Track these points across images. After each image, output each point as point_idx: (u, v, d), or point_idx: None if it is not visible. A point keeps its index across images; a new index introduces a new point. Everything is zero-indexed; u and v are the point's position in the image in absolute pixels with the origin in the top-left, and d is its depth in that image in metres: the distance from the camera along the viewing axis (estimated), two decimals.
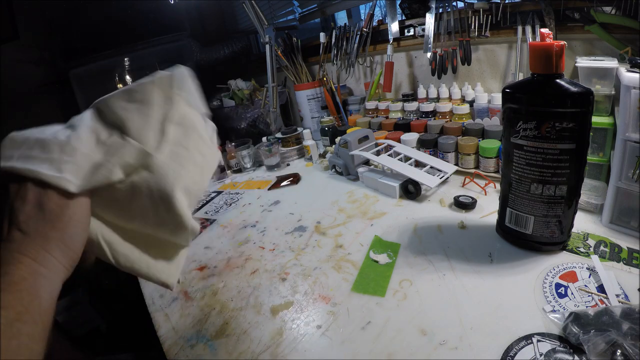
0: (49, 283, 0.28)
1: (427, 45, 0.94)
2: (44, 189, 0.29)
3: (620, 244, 0.51)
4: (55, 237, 0.29)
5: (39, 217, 0.28)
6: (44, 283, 0.27)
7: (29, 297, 0.26)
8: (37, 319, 0.26)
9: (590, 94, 0.42)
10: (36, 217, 0.28)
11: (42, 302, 0.27)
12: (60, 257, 0.29)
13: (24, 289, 0.26)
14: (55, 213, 0.29)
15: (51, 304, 0.28)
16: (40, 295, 0.27)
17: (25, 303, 0.25)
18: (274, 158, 1.08)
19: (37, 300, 0.26)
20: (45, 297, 0.27)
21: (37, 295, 0.26)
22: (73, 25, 1.24)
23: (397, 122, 0.98)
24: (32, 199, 0.29)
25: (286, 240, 0.68)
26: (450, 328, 0.42)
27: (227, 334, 0.48)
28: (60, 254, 0.29)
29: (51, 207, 0.29)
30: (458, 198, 0.68)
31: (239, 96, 1.32)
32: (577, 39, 0.78)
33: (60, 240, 0.29)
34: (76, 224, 0.30)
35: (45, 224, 0.28)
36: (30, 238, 0.28)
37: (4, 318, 0.24)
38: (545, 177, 0.47)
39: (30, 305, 0.26)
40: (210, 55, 1.49)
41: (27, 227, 0.28)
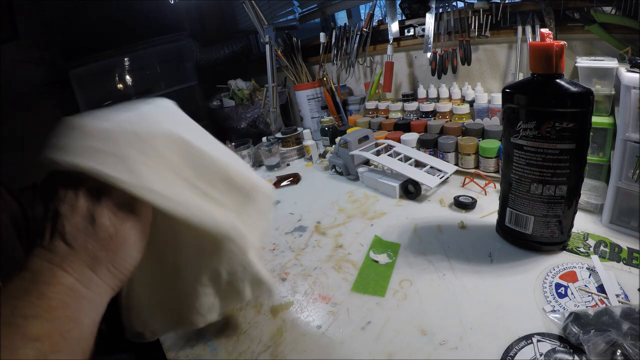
0: (93, 307, 0.24)
1: (427, 45, 0.94)
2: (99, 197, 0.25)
3: (620, 244, 0.51)
4: (105, 259, 0.25)
5: (88, 232, 0.25)
6: (87, 307, 0.24)
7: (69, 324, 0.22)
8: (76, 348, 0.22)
9: (590, 94, 0.42)
10: (85, 230, 0.25)
11: (83, 329, 0.23)
12: (109, 280, 0.25)
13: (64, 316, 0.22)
14: (108, 232, 0.25)
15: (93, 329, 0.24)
16: (82, 321, 0.23)
17: (63, 331, 0.22)
18: (274, 158, 1.08)
19: (77, 328, 0.23)
20: (87, 322, 0.24)
21: (78, 322, 0.23)
22: (73, 25, 1.24)
23: (397, 122, 0.98)
24: (82, 209, 0.25)
25: (286, 240, 0.68)
26: (450, 328, 0.42)
27: (227, 334, 0.48)
28: (109, 276, 0.25)
29: (104, 224, 0.25)
30: (458, 198, 0.68)
31: (239, 96, 1.32)
32: (577, 39, 0.78)
33: (110, 262, 0.25)
34: (130, 247, 0.26)
35: (96, 242, 0.25)
36: (77, 254, 0.24)
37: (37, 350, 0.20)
38: (545, 177, 0.47)
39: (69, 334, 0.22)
40: (210, 55, 1.49)
41: (74, 241, 0.24)
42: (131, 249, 0.26)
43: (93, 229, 0.25)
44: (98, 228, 0.25)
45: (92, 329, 0.24)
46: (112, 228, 0.25)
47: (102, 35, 1.23)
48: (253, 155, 1.13)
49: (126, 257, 0.26)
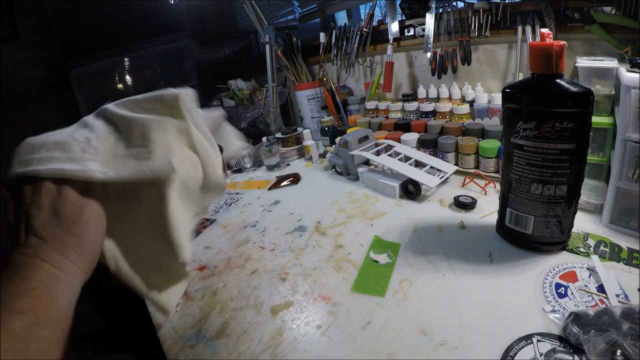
0: (68, 288, 0.28)
1: (427, 45, 0.94)
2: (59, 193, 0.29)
3: (620, 244, 0.51)
4: (72, 243, 0.29)
5: (54, 223, 0.29)
6: (62, 288, 0.27)
7: (48, 302, 0.26)
8: (56, 324, 0.26)
9: (590, 94, 0.42)
10: (52, 223, 0.29)
11: (60, 306, 0.27)
12: (78, 262, 0.29)
13: (43, 294, 0.26)
14: (71, 219, 0.29)
15: (70, 308, 0.28)
16: (59, 300, 0.27)
17: (44, 308, 0.25)
18: (274, 158, 1.08)
19: (55, 305, 0.26)
20: (63, 301, 0.27)
21: (56, 300, 0.27)
22: (73, 25, 1.24)
23: (397, 122, 0.98)
24: (47, 205, 0.29)
25: (286, 240, 0.68)
26: (450, 328, 0.42)
27: (227, 334, 0.48)
28: (77, 258, 0.29)
29: (66, 213, 0.29)
30: (458, 198, 0.68)
31: (239, 96, 1.32)
32: (577, 39, 0.78)
33: (77, 245, 0.29)
34: (92, 229, 0.30)
35: (62, 230, 0.29)
36: (48, 244, 0.28)
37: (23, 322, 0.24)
38: (545, 177, 0.47)
39: (49, 310, 0.26)
40: (210, 55, 1.49)
41: (44, 233, 0.28)
42: (93, 231, 0.30)
43: (58, 220, 0.29)
44: (62, 218, 0.29)
45: (68, 308, 0.28)
46: (73, 215, 0.29)
47: (102, 35, 1.23)
48: (253, 155, 1.13)
49: (90, 238, 0.30)
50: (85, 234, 0.30)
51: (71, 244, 0.29)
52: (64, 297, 0.27)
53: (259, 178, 1.05)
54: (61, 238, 0.28)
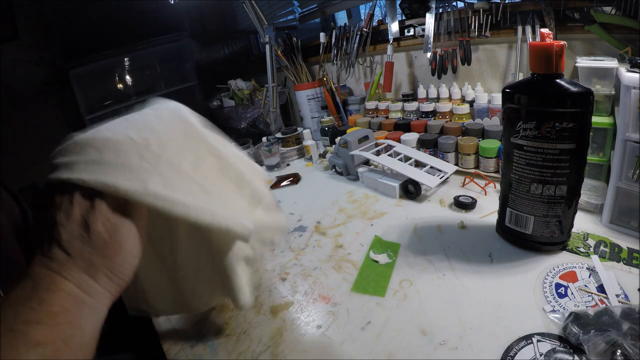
0: (94, 313, 0.25)
1: (427, 45, 0.94)
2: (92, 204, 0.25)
3: (620, 244, 0.51)
4: (102, 265, 0.25)
5: (84, 240, 0.25)
6: (87, 313, 0.24)
7: (70, 330, 0.23)
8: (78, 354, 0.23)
9: (590, 94, 0.42)
10: (81, 238, 0.25)
11: (84, 334, 0.24)
12: (107, 285, 0.26)
13: (65, 321, 0.23)
14: (103, 238, 0.25)
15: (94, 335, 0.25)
16: (83, 327, 0.24)
17: (65, 337, 0.22)
18: (274, 158, 1.08)
19: (79, 334, 0.23)
20: (88, 328, 0.24)
21: (79, 327, 0.23)
22: (73, 25, 1.24)
23: (397, 122, 0.98)
24: (77, 216, 0.25)
25: (286, 240, 0.68)
26: (450, 328, 0.42)
27: (227, 334, 0.48)
28: (107, 281, 0.26)
29: (98, 230, 0.25)
30: (458, 198, 0.68)
31: (239, 96, 1.32)
32: (577, 39, 0.78)
33: (107, 267, 0.26)
34: (126, 252, 0.27)
35: (92, 249, 0.25)
36: (74, 261, 0.24)
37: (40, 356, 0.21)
38: (545, 177, 0.47)
39: (71, 339, 0.23)
40: (210, 55, 1.49)
41: (71, 248, 0.25)
42: (127, 254, 0.27)
43: (88, 236, 0.25)
44: (93, 235, 0.25)
45: (93, 335, 0.24)
46: (106, 234, 0.25)
47: (102, 35, 1.23)
48: (253, 155, 1.13)
49: (122, 262, 0.26)
50: (118, 258, 0.26)
51: (101, 265, 0.25)
52: (89, 323, 0.24)
53: None
54: (89, 257, 0.25)
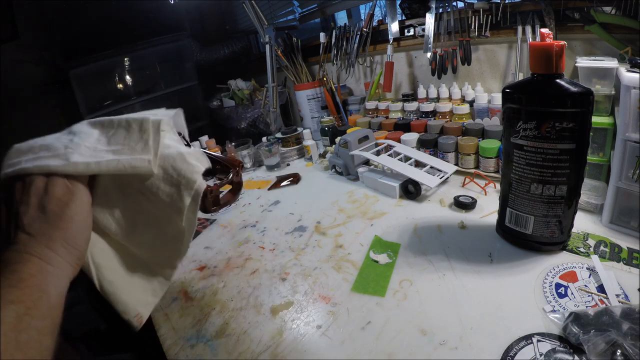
0: (56, 280, 0.29)
1: (427, 45, 0.94)
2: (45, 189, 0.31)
3: (620, 244, 0.51)
4: (58, 237, 0.30)
5: (41, 219, 0.30)
6: (51, 280, 0.28)
7: (38, 292, 0.27)
8: (46, 314, 0.27)
9: (590, 94, 0.42)
10: (39, 218, 0.30)
11: (50, 297, 0.28)
12: (65, 255, 0.30)
13: (33, 285, 0.27)
14: (57, 214, 0.30)
15: (59, 299, 0.29)
16: (49, 291, 0.28)
17: (34, 298, 0.26)
18: (274, 158, 1.08)
19: (45, 296, 0.27)
20: (53, 293, 0.28)
21: (45, 291, 0.28)
22: (73, 25, 1.24)
23: (397, 122, 0.98)
24: (34, 203, 0.30)
25: (286, 240, 0.68)
26: (450, 328, 0.42)
27: (227, 334, 0.48)
28: (64, 252, 0.30)
29: (52, 209, 0.30)
30: (458, 198, 0.68)
31: (239, 96, 1.32)
32: (577, 39, 0.78)
33: (63, 239, 0.30)
34: (77, 223, 0.32)
35: (48, 225, 0.30)
36: (36, 239, 0.29)
37: (14, 312, 0.25)
38: (545, 177, 0.47)
39: (39, 300, 0.27)
40: (210, 55, 1.49)
41: (32, 229, 0.29)
42: (78, 225, 0.32)
43: (45, 216, 0.30)
44: (48, 213, 0.30)
45: (58, 300, 0.28)
46: (59, 210, 0.31)
47: (102, 35, 1.23)
48: (253, 155, 1.13)
49: (75, 232, 0.31)
50: (71, 228, 0.31)
51: (57, 238, 0.30)
52: (53, 289, 0.28)
53: (259, 178, 1.05)
54: (48, 233, 0.30)
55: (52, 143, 0.34)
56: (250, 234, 0.73)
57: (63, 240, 0.30)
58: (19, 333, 0.24)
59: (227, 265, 0.64)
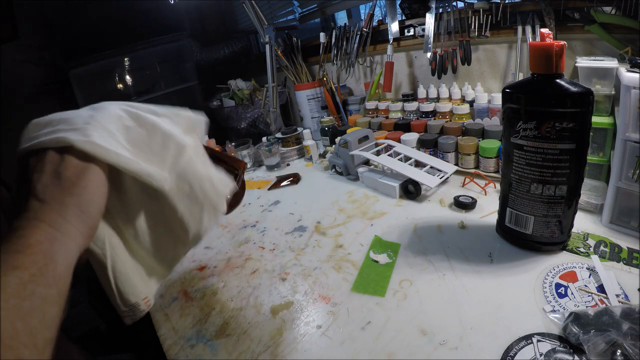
0: (65, 248, 0.28)
1: (427, 45, 0.94)
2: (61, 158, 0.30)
3: (620, 244, 0.51)
4: (72, 203, 0.29)
5: (55, 185, 0.29)
6: (59, 247, 0.27)
7: (44, 259, 0.26)
8: (52, 283, 0.26)
9: (590, 94, 0.42)
10: (52, 185, 0.29)
11: (57, 266, 0.26)
12: (77, 223, 0.29)
13: (39, 251, 0.26)
14: (71, 180, 0.29)
15: (66, 269, 0.28)
16: (56, 259, 0.27)
17: (40, 265, 0.25)
18: (274, 158, 1.08)
19: (52, 264, 0.26)
20: (60, 261, 0.27)
21: (53, 258, 0.26)
22: (73, 25, 1.24)
23: (397, 122, 0.98)
24: (49, 169, 0.29)
25: (286, 240, 0.68)
26: (450, 328, 0.42)
27: (227, 334, 0.48)
28: (76, 220, 0.29)
29: (67, 175, 0.29)
30: (458, 198, 0.68)
31: (239, 96, 1.32)
32: (577, 39, 0.78)
33: (76, 206, 0.29)
34: (92, 191, 0.30)
35: (62, 190, 0.29)
36: (48, 205, 0.28)
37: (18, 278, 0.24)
38: (545, 177, 0.47)
39: (45, 268, 0.26)
40: (210, 55, 1.49)
41: (44, 195, 0.28)
42: (93, 193, 0.30)
43: (59, 182, 0.29)
44: (63, 180, 0.29)
45: (65, 269, 0.27)
46: (74, 177, 0.30)
47: (102, 35, 1.23)
48: (253, 155, 1.13)
49: (89, 200, 0.30)
50: (85, 195, 0.30)
51: (70, 204, 0.29)
52: (61, 257, 0.27)
53: (259, 178, 1.05)
54: (60, 198, 0.29)
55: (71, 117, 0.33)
56: (250, 234, 0.73)
57: (76, 206, 0.29)
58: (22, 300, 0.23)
59: (227, 265, 0.64)
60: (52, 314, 0.25)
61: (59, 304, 0.26)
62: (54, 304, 0.25)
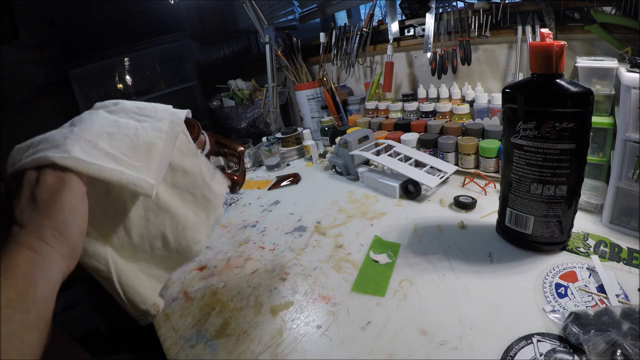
0: (46, 272, 0.27)
1: (427, 45, 0.94)
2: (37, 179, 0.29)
3: (620, 244, 0.51)
4: (49, 225, 0.28)
5: (31, 208, 0.28)
6: (39, 271, 0.27)
7: (23, 283, 0.25)
8: (31, 308, 0.25)
9: (590, 94, 0.42)
10: (29, 208, 0.28)
11: (37, 290, 0.26)
12: (56, 245, 0.28)
13: (18, 275, 0.25)
14: (46, 201, 0.29)
15: (48, 293, 0.27)
16: (36, 283, 0.26)
17: (18, 290, 0.25)
18: (274, 158, 1.08)
19: (31, 288, 0.25)
20: (41, 285, 0.26)
21: (32, 283, 0.26)
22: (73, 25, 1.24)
23: (397, 122, 0.98)
24: (26, 193, 0.29)
25: (286, 240, 0.68)
26: (450, 328, 0.42)
27: (227, 334, 0.48)
28: (55, 241, 0.28)
29: (42, 197, 0.29)
30: (458, 198, 0.68)
31: (239, 96, 1.32)
32: (577, 39, 0.78)
33: (53, 227, 0.29)
34: (68, 211, 0.30)
35: (38, 213, 0.28)
36: (26, 229, 0.28)
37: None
38: (545, 177, 0.47)
39: (24, 292, 0.25)
40: (210, 55, 1.49)
41: (22, 219, 0.28)
42: (69, 213, 0.30)
43: (35, 204, 0.29)
44: (38, 201, 0.29)
45: (47, 293, 0.26)
46: (49, 198, 0.29)
47: (102, 35, 1.23)
48: (253, 155, 1.13)
49: (66, 220, 0.29)
50: (61, 216, 0.29)
51: (47, 226, 0.28)
52: (42, 281, 0.26)
53: (259, 178, 1.05)
54: (38, 221, 0.28)
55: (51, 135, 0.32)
56: (250, 234, 0.73)
57: (53, 228, 0.29)
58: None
59: (227, 265, 0.64)
60: (30, 341, 0.24)
61: (39, 330, 0.25)
62: (33, 330, 0.25)
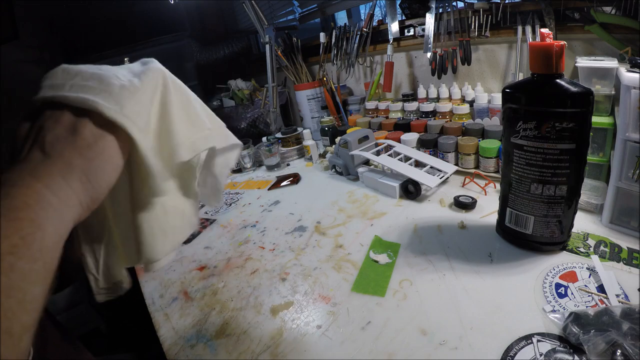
0: (58, 217, 0.23)
1: (427, 45, 0.94)
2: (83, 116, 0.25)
3: (620, 244, 0.51)
4: (79, 166, 0.24)
5: (68, 140, 0.24)
6: (51, 215, 0.22)
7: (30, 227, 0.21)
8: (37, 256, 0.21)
9: (590, 94, 0.42)
10: (65, 139, 0.24)
11: (45, 236, 0.22)
12: (79, 190, 0.24)
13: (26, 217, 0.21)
14: (88, 141, 0.25)
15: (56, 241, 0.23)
16: (45, 228, 0.22)
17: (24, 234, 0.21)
18: (274, 158, 1.08)
19: (39, 233, 0.21)
20: (50, 231, 0.22)
21: (41, 227, 0.22)
22: (73, 25, 1.24)
23: (397, 122, 0.98)
24: (66, 122, 0.25)
25: (286, 240, 0.68)
26: (450, 328, 0.42)
27: (227, 334, 0.48)
28: (80, 186, 0.24)
29: (85, 134, 0.25)
30: (458, 198, 0.68)
31: (239, 96, 1.32)
32: (577, 39, 0.78)
33: (84, 171, 0.25)
34: (107, 159, 0.26)
35: (74, 148, 0.24)
36: (51, 161, 0.23)
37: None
38: (545, 177, 0.47)
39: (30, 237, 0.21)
40: (210, 55, 1.49)
41: (52, 149, 0.24)
42: (106, 162, 0.26)
43: (73, 137, 0.25)
44: (78, 137, 0.25)
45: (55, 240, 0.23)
46: (92, 138, 0.25)
47: (102, 35, 1.23)
48: (253, 155, 1.13)
49: (100, 168, 0.25)
50: (97, 161, 0.25)
51: (78, 167, 0.24)
52: (51, 226, 0.22)
53: (259, 178, 1.05)
54: (68, 157, 0.24)
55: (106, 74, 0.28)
56: (250, 234, 0.73)
57: (83, 172, 0.24)
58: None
59: (227, 265, 0.64)
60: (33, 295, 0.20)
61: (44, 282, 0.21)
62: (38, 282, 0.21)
